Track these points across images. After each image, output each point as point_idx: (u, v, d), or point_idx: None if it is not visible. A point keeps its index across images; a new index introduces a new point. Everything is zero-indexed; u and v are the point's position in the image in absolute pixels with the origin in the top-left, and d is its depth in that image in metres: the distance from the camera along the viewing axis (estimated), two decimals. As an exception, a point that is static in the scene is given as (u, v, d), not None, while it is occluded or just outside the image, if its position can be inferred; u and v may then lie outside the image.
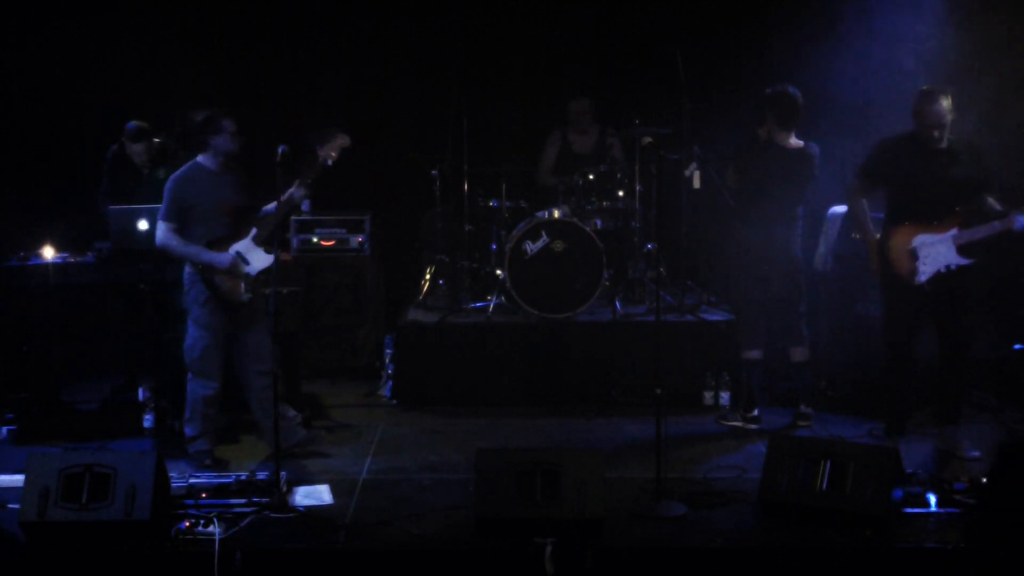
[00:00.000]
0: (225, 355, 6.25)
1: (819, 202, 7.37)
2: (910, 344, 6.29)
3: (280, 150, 5.81)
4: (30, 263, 6.97)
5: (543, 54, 8.93)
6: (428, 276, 8.53)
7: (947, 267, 6.08)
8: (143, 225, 6.92)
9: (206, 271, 6.12)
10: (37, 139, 8.51)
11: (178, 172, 6.22)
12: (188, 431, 6.28)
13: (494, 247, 8.26)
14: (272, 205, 6.21)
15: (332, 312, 8.42)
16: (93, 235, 7.37)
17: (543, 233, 7.65)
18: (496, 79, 8.86)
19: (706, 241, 8.02)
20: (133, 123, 7.53)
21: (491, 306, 7.84)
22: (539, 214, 7.94)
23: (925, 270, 6.09)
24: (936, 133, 6.07)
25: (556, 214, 7.86)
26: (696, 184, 7.56)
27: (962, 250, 6.06)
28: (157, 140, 7.67)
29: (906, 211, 6.17)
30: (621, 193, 8.03)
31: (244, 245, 6.17)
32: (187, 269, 6.22)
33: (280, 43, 8.92)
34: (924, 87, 6.16)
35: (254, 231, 6.20)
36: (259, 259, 6.18)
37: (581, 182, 8.04)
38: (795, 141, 6.77)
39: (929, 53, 7.67)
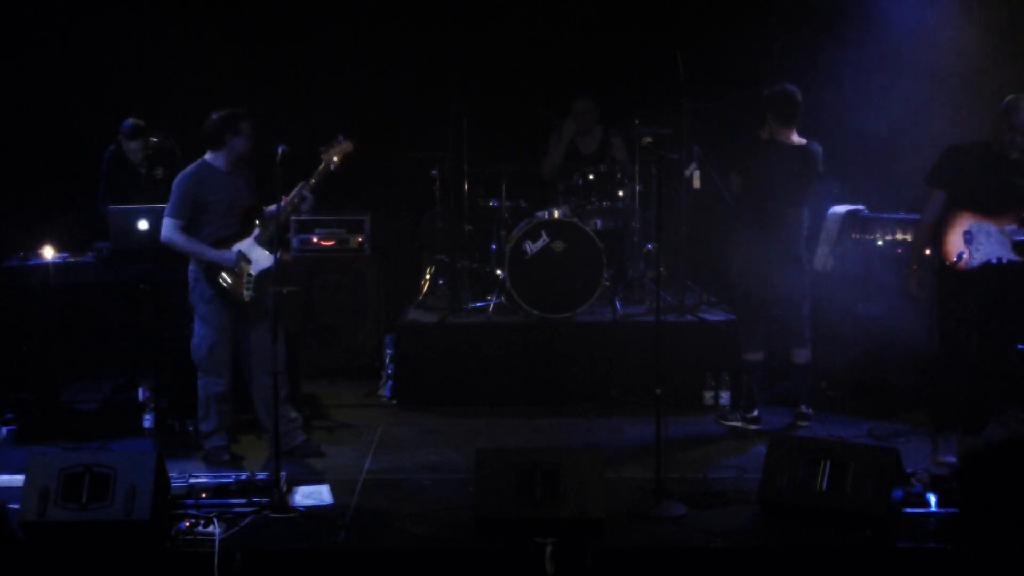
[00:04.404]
0: (232, 352, 6.28)
1: (819, 202, 7.37)
2: (967, 337, 6.12)
3: (280, 150, 5.81)
4: (30, 263, 6.98)
5: (543, 54, 8.93)
6: (428, 276, 8.53)
7: (998, 259, 5.95)
8: (143, 225, 6.92)
9: (210, 269, 6.14)
10: (37, 139, 8.51)
11: (188, 170, 6.23)
12: (204, 427, 6.31)
13: (494, 247, 8.26)
14: (276, 205, 6.25)
15: (332, 312, 8.42)
16: (93, 235, 7.38)
17: (543, 233, 7.66)
18: (496, 79, 8.85)
19: (706, 241, 8.02)
20: (130, 121, 7.55)
21: (491, 306, 7.84)
22: (539, 214, 7.94)
23: (976, 256, 5.97)
24: (1019, 139, 5.96)
25: (556, 214, 7.86)
26: (696, 184, 7.57)
27: (1016, 247, 5.95)
28: (155, 139, 7.67)
29: (967, 203, 6.04)
30: (621, 193, 8.03)
31: (247, 245, 6.20)
32: (191, 267, 6.24)
33: (280, 43, 8.92)
34: (1012, 96, 6.03)
35: (257, 231, 6.22)
36: (262, 258, 6.20)
37: (581, 182, 8.04)
38: (797, 139, 6.76)
39: (934, 52, 7.66)
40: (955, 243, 6.03)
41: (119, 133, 7.57)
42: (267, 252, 6.19)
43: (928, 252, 6.24)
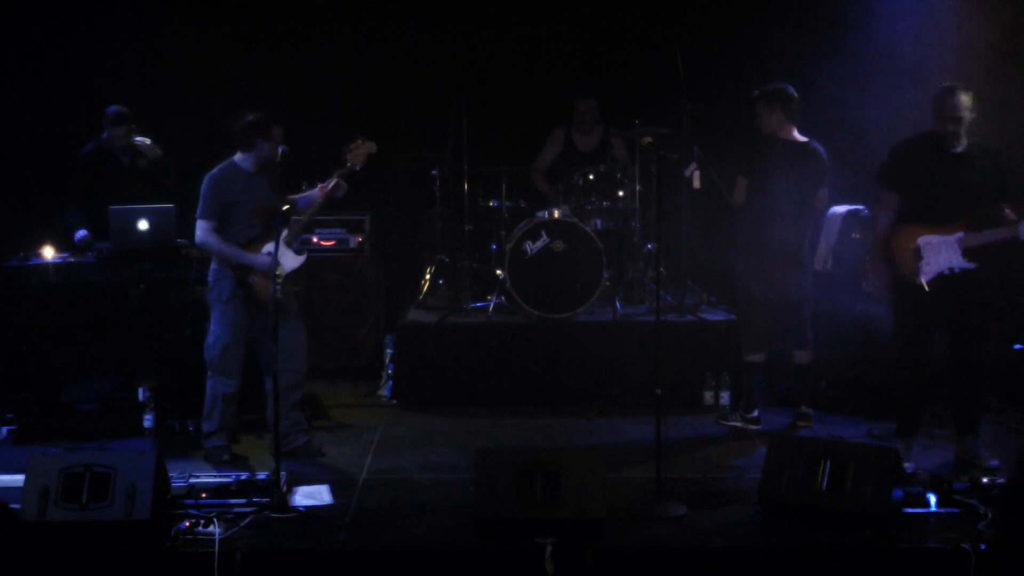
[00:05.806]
0: (246, 353, 6.29)
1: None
2: (923, 345, 6.09)
3: (280, 150, 5.85)
4: (30, 263, 6.97)
5: (543, 54, 8.93)
6: (428, 276, 8.53)
7: (950, 269, 5.92)
8: (143, 225, 6.91)
9: (239, 271, 6.14)
10: (37, 139, 8.50)
11: (215, 171, 6.24)
12: (206, 427, 6.33)
13: (494, 247, 8.26)
14: (296, 202, 6.31)
15: (332, 312, 8.42)
16: (93, 235, 7.37)
17: (543, 233, 7.66)
18: (496, 79, 8.86)
19: (706, 241, 8.02)
20: (113, 108, 7.52)
21: (491, 306, 7.84)
22: (539, 214, 7.94)
23: (928, 270, 5.95)
24: (952, 128, 5.88)
25: (556, 214, 7.86)
26: (696, 184, 7.56)
27: (967, 254, 5.91)
28: (147, 141, 7.64)
29: (915, 211, 6.01)
30: (621, 193, 8.03)
31: (274, 246, 6.20)
32: (213, 266, 6.25)
33: (280, 43, 8.91)
34: (947, 83, 5.99)
35: (284, 232, 6.22)
36: (289, 259, 6.27)
37: (581, 182, 8.04)
38: (799, 136, 6.76)
39: (934, 52, 7.65)
40: (906, 260, 6.00)
41: (102, 120, 7.52)
42: (293, 253, 6.29)
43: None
